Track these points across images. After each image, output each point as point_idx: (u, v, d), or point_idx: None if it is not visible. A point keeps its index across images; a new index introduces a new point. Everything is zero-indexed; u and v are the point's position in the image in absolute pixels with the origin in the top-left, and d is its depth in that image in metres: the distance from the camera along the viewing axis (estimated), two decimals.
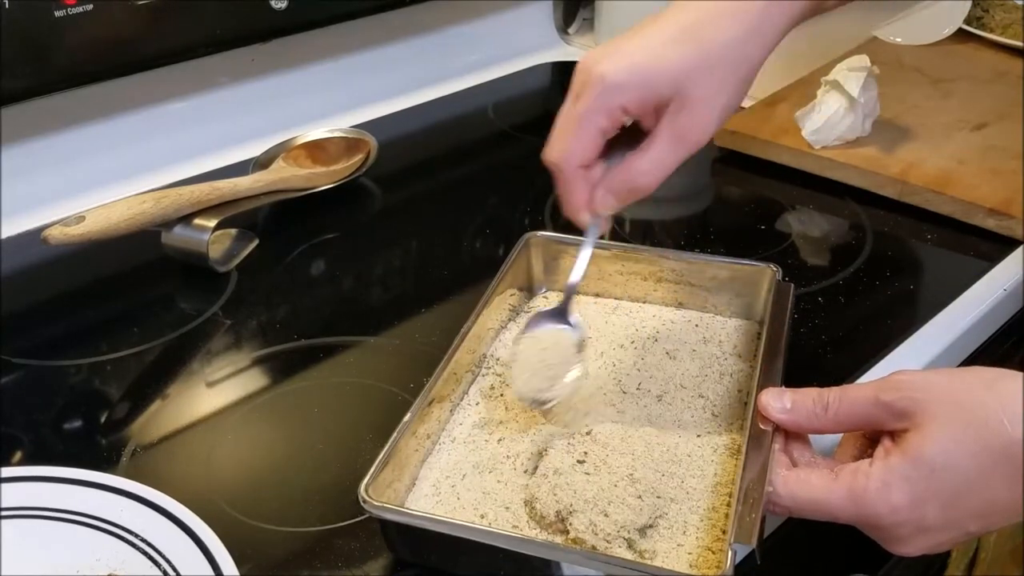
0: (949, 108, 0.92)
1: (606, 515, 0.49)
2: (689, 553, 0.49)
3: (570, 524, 0.49)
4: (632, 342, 0.63)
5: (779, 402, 0.51)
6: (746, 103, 0.89)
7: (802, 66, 0.96)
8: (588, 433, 0.53)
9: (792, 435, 0.52)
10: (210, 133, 0.90)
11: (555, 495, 0.50)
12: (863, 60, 0.85)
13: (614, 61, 0.51)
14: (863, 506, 0.46)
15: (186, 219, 0.72)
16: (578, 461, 0.51)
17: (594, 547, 0.48)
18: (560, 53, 1.14)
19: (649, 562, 0.48)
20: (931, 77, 0.98)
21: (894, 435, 0.48)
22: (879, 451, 0.48)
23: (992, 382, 0.46)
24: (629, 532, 0.49)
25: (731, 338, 0.64)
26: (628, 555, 0.48)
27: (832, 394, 0.50)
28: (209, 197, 0.73)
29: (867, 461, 0.47)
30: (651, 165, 0.52)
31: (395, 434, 0.51)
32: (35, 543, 0.50)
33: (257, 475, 0.58)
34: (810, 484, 0.48)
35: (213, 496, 0.55)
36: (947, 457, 0.46)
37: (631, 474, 0.51)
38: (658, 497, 0.50)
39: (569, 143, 0.52)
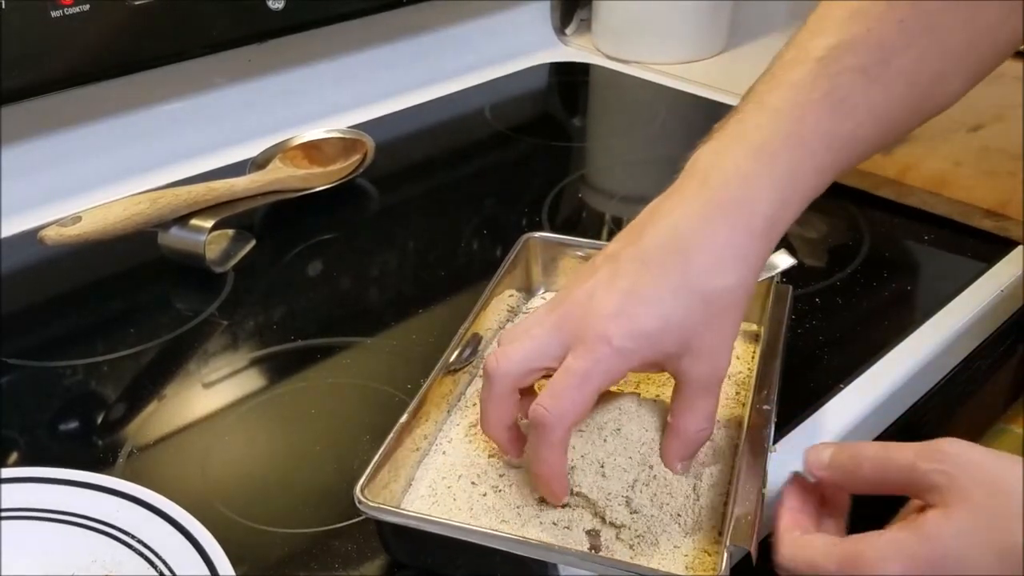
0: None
1: (604, 476, 0.49)
2: (685, 555, 0.49)
3: (572, 480, 0.49)
4: None
5: (817, 457, 0.48)
6: None
7: None
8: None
9: (812, 499, 0.48)
10: (207, 134, 0.90)
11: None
12: None
13: (619, 325, 0.48)
14: (854, 572, 0.42)
15: (183, 220, 0.72)
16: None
17: (595, 504, 0.49)
18: (557, 54, 1.14)
19: (646, 563, 0.48)
20: None
21: (925, 508, 0.44)
22: (895, 523, 0.44)
23: None
24: (627, 491, 0.49)
25: None
26: (627, 516, 0.49)
27: (870, 450, 0.46)
28: (206, 198, 0.73)
29: (878, 532, 0.44)
30: (701, 417, 0.51)
31: (391, 435, 0.51)
32: (31, 544, 0.50)
33: (254, 476, 0.58)
34: (812, 546, 0.45)
35: (209, 497, 0.55)
36: (962, 546, 0.41)
37: (629, 456, 0.51)
38: (651, 467, 0.51)
39: (566, 404, 0.48)
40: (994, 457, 0.43)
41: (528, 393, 0.51)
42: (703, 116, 0.57)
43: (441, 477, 0.53)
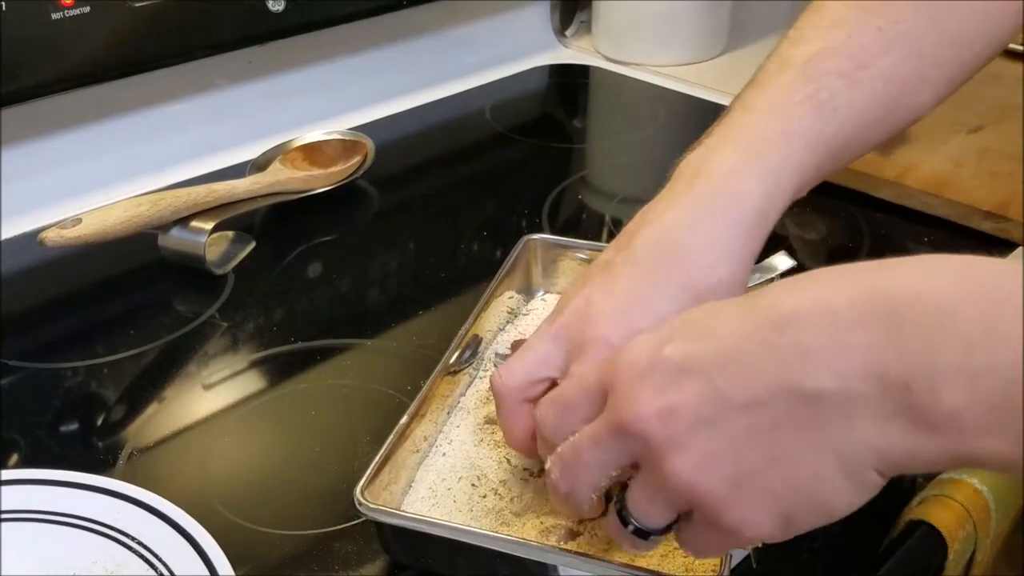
0: (945, 111, 0.91)
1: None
2: (685, 556, 0.49)
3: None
4: None
5: None
6: None
7: None
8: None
9: None
10: (207, 135, 0.90)
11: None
12: None
13: (616, 327, 0.48)
14: (609, 359, 0.41)
15: (183, 221, 0.72)
16: None
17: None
18: (557, 56, 1.15)
19: (645, 565, 0.48)
20: None
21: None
22: None
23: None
24: None
25: None
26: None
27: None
28: (206, 199, 0.73)
29: None
30: None
31: (391, 437, 0.51)
32: (31, 546, 0.50)
33: (254, 478, 0.58)
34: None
35: (210, 499, 0.55)
36: (706, 306, 0.41)
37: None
38: None
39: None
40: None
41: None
42: (703, 118, 0.57)
43: (441, 479, 0.53)
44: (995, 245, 0.76)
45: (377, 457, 0.50)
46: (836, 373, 0.35)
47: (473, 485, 0.53)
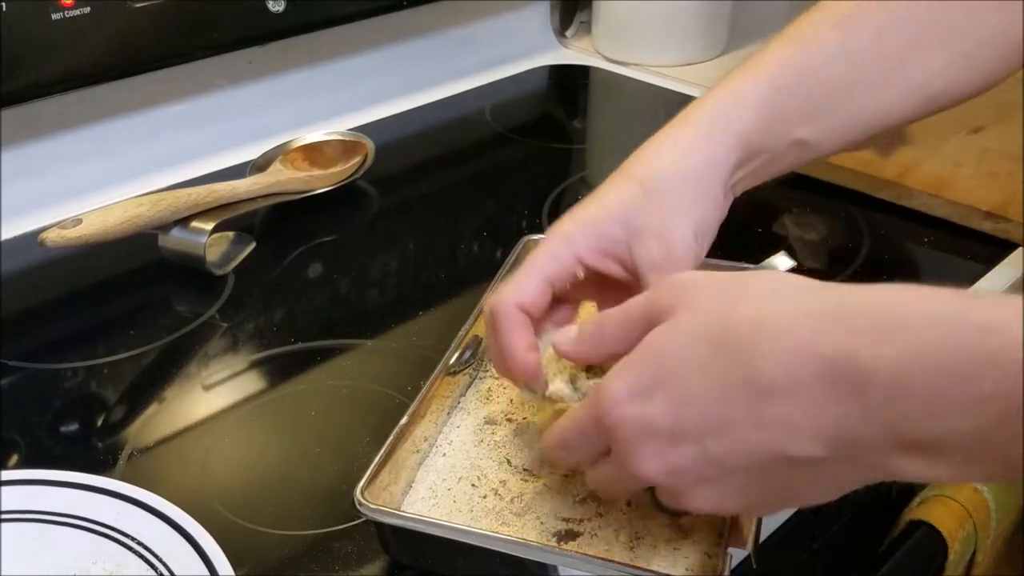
0: (946, 111, 0.92)
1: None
2: (686, 557, 0.49)
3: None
4: None
5: (565, 336, 0.49)
6: None
7: None
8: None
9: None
10: (207, 136, 0.90)
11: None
12: None
13: (568, 217, 0.53)
14: (593, 403, 0.44)
15: (183, 222, 0.72)
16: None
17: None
18: (557, 56, 1.14)
19: (646, 565, 0.48)
20: None
21: None
22: None
23: (757, 272, 0.45)
24: (628, 539, 0.49)
25: None
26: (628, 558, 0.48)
27: (610, 312, 0.47)
28: (206, 200, 0.73)
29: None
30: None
31: (391, 437, 0.51)
32: (31, 546, 0.50)
33: (254, 478, 0.58)
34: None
35: (210, 499, 0.55)
36: (678, 342, 0.42)
37: None
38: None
39: (510, 286, 0.51)
40: (719, 275, 0.44)
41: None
42: None
43: (441, 479, 0.53)
44: (995, 245, 0.76)
45: (377, 457, 0.50)
46: (820, 443, 0.39)
47: (473, 485, 0.53)
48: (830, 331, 0.38)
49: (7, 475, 0.53)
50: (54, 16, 0.74)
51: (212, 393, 0.64)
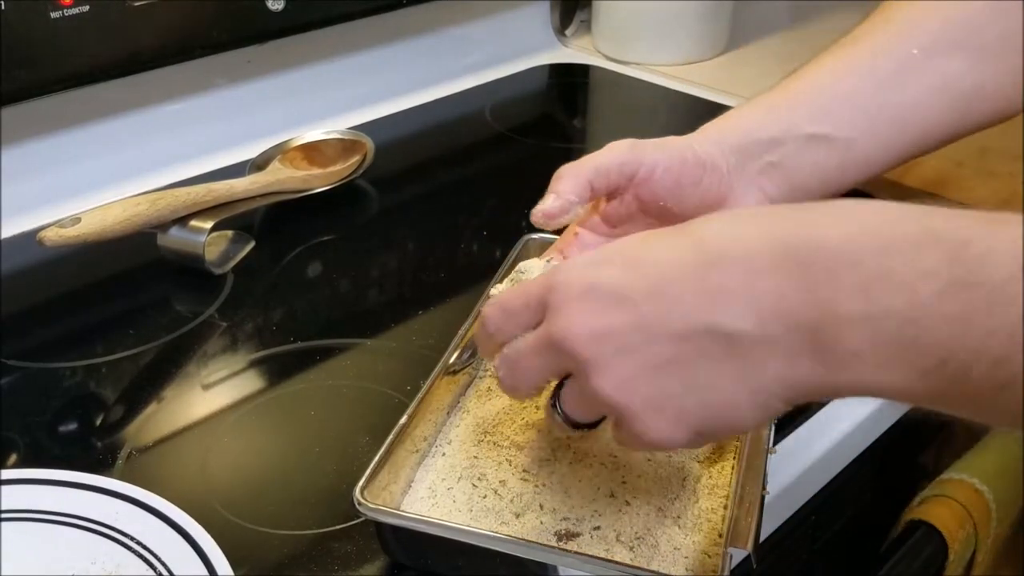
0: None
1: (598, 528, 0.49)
2: (686, 557, 0.49)
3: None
4: None
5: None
6: None
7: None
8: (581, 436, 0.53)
9: None
10: (206, 135, 0.90)
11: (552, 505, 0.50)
12: None
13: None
14: (547, 275, 0.44)
15: (182, 221, 0.72)
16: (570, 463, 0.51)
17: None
18: (557, 55, 1.14)
19: (646, 565, 0.48)
20: None
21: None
22: None
23: None
24: (629, 539, 0.49)
25: None
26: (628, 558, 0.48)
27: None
28: (205, 199, 0.73)
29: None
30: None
31: (391, 437, 0.51)
32: (31, 546, 0.50)
33: (253, 478, 0.58)
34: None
35: (209, 499, 0.55)
36: (639, 236, 0.44)
37: (624, 480, 0.51)
38: (653, 507, 0.50)
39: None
40: None
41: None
42: (703, 117, 0.57)
43: (441, 479, 0.53)
44: None
45: (377, 457, 0.49)
46: (751, 315, 0.38)
47: (473, 485, 0.52)
48: (785, 217, 0.40)
49: (7, 475, 0.53)
50: (53, 15, 0.74)
51: (211, 393, 0.64)
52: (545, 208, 0.52)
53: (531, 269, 0.52)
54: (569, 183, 0.53)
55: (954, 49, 0.56)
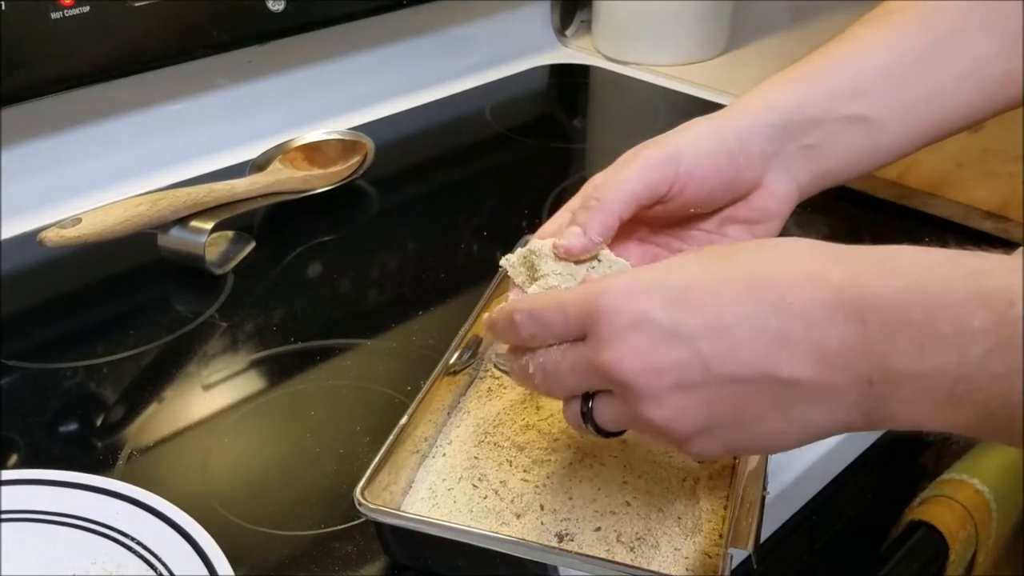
0: None
1: (599, 529, 0.49)
2: (686, 557, 0.49)
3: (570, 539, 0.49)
4: None
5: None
6: None
7: None
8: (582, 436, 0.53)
9: None
10: (207, 135, 0.90)
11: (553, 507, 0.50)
12: None
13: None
14: (585, 288, 0.44)
15: (183, 221, 0.72)
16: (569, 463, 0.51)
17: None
18: (557, 55, 1.14)
19: (646, 565, 0.48)
20: None
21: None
22: None
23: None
24: (629, 539, 0.49)
25: None
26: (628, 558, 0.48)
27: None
28: (206, 199, 0.73)
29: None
30: None
31: (391, 437, 0.51)
32: (31, 546, 0.50)
33: (253, 478, 0.58)
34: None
35: (209, 499, 0.55)
36: (682, 263, 0.44)
37: (624, 480, 0.51)
38: (654, 507, 0.50)
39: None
40: None
41: None
42: None
43: (441, 479, 0.53)
44: (995, 245, 0.76)
45: (377, 457, 0.49)
46: (809, 364, 0.39)
47: (474, 486, 0.52)
48: (839, 265, 0.40)
49: (7, 475, 0.53)
50: (53, 15, 0.74)
51: (212, 393, 0.64)
52: (569, 245, 0.50)
53: (542, 252, 0.51)
54: (598, 222, 0.50)
55: (986, 31, 0.55)
